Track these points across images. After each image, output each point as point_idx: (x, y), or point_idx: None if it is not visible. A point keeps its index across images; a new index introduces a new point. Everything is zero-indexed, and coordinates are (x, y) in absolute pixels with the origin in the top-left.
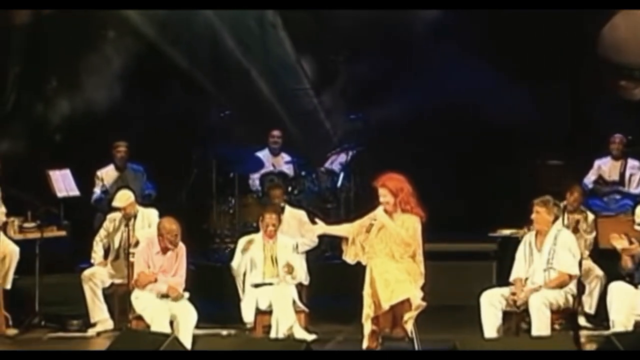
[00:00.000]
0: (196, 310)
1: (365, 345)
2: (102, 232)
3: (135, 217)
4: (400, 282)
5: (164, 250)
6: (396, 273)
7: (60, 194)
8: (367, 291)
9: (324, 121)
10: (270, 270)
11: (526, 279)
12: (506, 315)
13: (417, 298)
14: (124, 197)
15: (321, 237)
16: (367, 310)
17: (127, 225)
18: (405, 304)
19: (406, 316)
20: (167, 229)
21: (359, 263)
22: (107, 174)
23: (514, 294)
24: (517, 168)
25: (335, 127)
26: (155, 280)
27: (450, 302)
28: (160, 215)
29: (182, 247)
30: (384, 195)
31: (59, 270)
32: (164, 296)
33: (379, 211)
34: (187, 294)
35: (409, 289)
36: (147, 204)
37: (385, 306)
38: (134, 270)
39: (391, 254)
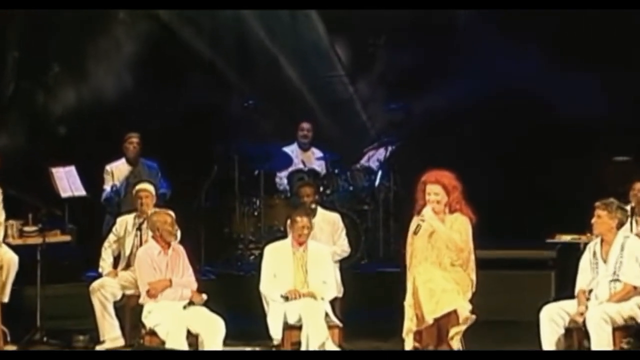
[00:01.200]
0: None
1: None
2: (111, 237)
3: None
4: (446, 292)
5: (165, 248)
6: (442, 282)
7: (65, 193)
8: (408, 302)
9: (360, 112)
10: (301, 282)
11: (590, 291)
12: (567, 331)
13: (465, 310)
14: (144, 184)
15: (357, 244)
16: (409, 324)
17: (139, 228)
18: (452, 317)
19: (452, 331)
20: (160, 221)
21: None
22: (118, 168)
23: (582, 314)
24: (579, 165)
25: (372, 118)
26: (171, 284)
27: (502, 316)
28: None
29: (181, 247)
30: (437, 192)
31: (63, 279)
32: (190, 303)
33: (427, 213)
34: (205, 296)
35: (456, 299)
36: (161, 205)
37: (429, 319)
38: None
39: (439, 261)
